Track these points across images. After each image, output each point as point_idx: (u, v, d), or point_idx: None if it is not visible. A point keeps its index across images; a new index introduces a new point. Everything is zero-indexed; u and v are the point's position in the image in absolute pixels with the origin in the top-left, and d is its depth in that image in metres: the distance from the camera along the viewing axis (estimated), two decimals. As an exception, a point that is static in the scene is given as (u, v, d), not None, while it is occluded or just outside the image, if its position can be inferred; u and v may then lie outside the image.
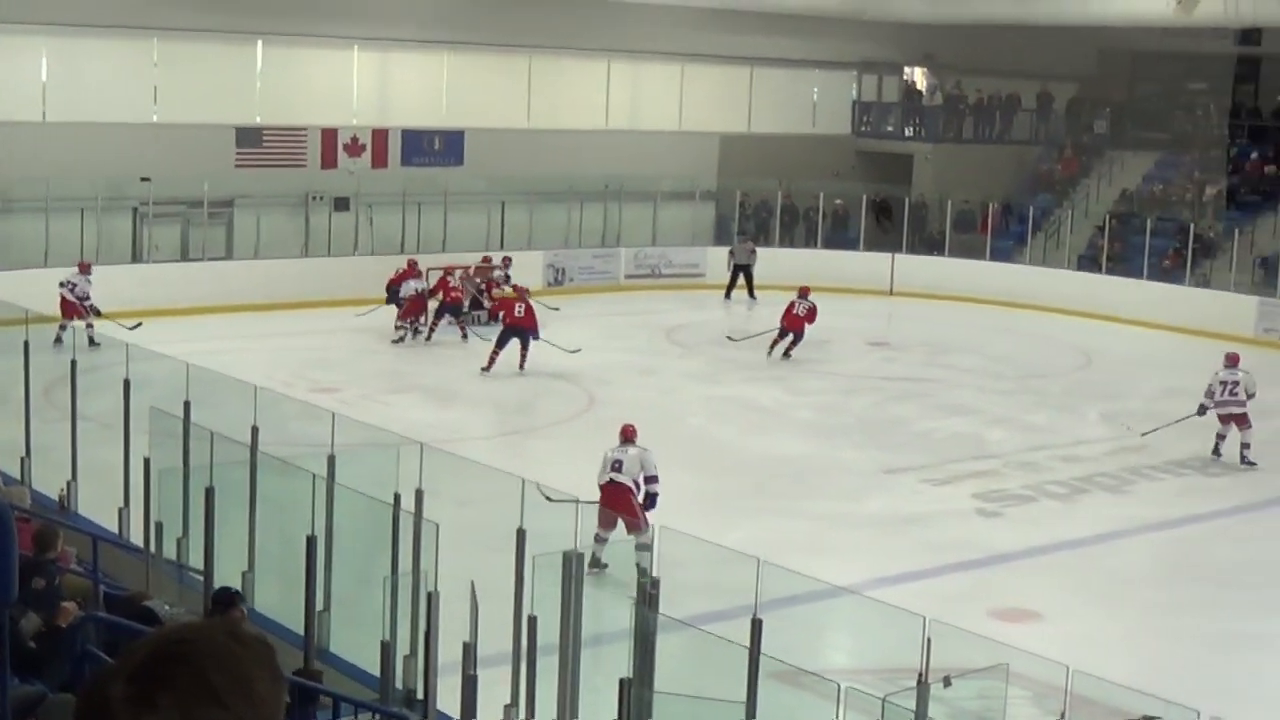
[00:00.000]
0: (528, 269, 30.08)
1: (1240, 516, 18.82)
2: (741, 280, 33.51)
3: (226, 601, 10.23)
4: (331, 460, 11.92)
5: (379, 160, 33.21)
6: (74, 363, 15.58)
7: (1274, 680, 13.64)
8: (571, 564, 9.73)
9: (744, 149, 37.91)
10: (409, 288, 27.51)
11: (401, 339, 27.21)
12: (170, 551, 12.90)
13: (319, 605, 11.47)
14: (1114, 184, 38.18)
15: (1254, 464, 20.68)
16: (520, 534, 10.39)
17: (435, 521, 10.81)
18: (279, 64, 32.52)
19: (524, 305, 25.03)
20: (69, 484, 15.12)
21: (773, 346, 26.60)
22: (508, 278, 28.90)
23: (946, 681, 8.39)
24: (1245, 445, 20.78)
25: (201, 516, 12.53)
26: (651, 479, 15.38)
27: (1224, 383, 20.99)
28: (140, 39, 30.67)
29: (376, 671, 10.91)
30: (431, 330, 27.57)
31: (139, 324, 24.14)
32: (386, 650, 10.84)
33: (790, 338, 26.57)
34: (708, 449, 20.99)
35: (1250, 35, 37.64)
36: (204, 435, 12.78)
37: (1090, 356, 28.77)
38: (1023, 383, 25.93)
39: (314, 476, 11.86)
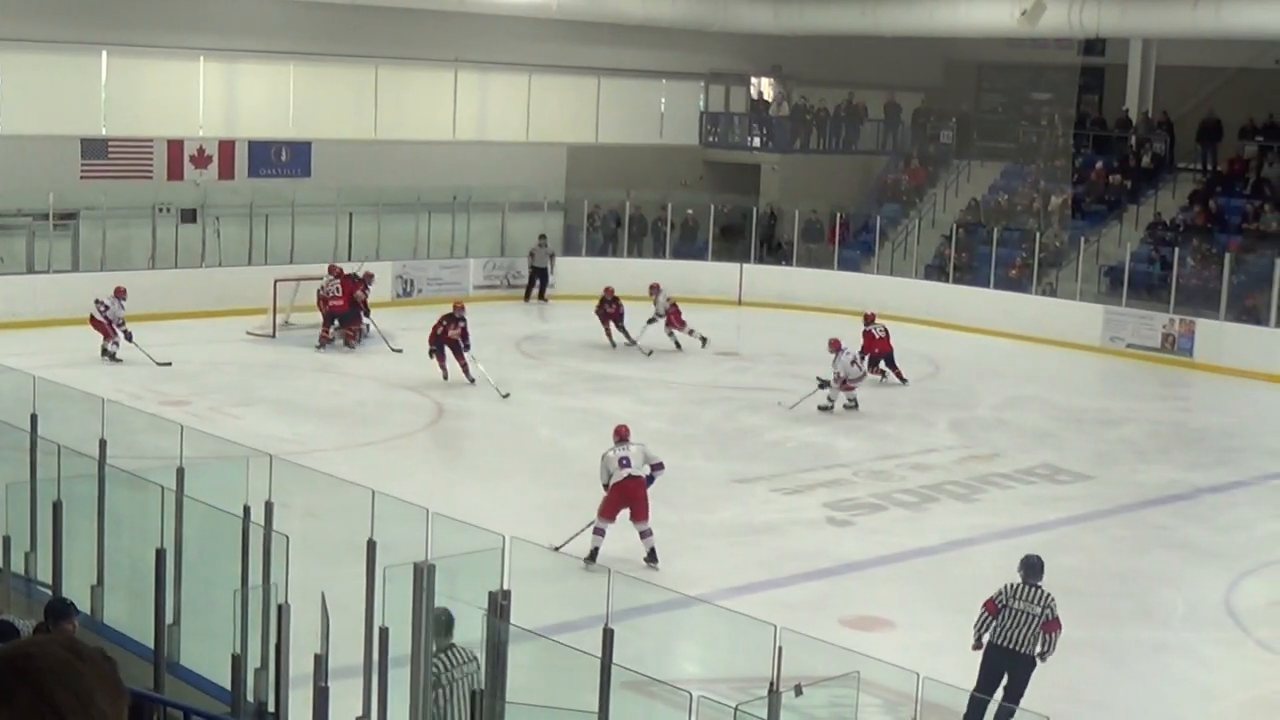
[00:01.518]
0: (376, 280, 29.96)
1: (1086, 524, 19.20)
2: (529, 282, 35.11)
3: (60, 614, 10.10)
4: (180, 473, 11.82)
5: (226, 171, 32.90)
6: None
7: (1113, 686, 13.99)
8: (423, 575, 9.73)
9: (592, 159, 38.08)
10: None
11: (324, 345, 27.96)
12: (18, 566, 12.72)
13: (169, 618, 11.37)
14: (960, 194, 38.83)
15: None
16: (371, 545, 10.37)
17: (285, 533, 10.76)
18: (124, 75, 32.11)
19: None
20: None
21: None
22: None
23: (798, 690, 8.50)
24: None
25: (49, 531, 12.37)
26: (659, 466, 16.60)
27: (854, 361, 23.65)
28: (-19, 48, 30.12)
29: (228, 684, 10.83)
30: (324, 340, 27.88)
31: (168, 364, 25.26)
32: (237, 663, 10.77)
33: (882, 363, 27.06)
34: (558, 460, 21.06)
35: (1094, 45, 38.51)
36: (51, 449, 12.62)
37: (938, 365, 29.24)
38: (871, 392, 26.29)
39: (163, 489, 11.75)
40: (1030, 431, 24.00)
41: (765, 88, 42.29)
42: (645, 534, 16.15)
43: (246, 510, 11.08)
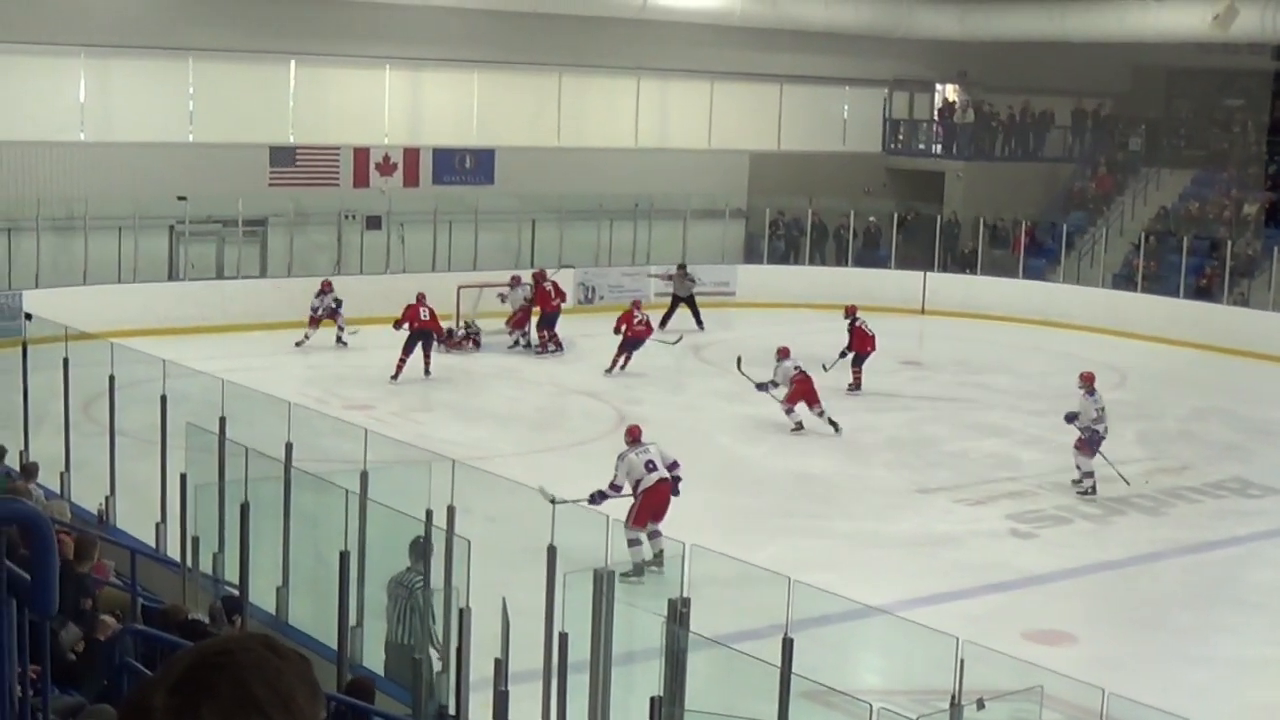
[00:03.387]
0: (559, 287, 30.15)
1: (1276, 540, 18.71)
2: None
3: (229, 610, 10.32)
4: (364, 476, 11.99)
5: (410, 179, 33.42)
6: (112, 379, 15.70)
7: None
8: (602, 581, 9.76)
9: (774, 166, 37.97)
10: (518, 297, 28.75)
11: (516, 345, 28.54)
12: (206, 566, 13.00)
13: (351, 620, 11.53)
14: (1149, 202, 38.04)
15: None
16: (551, 550, 10.43)
17: (466, 538, 10.86)
18: (312, 84, 32.73)
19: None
20: (108, 499, 15.25)
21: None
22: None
23: (980, 704, 8.37)
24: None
25: (237, 531, 12.62)
26: (675, 465, 16.41)
27: (1102, 409, 20.40)
28: (176, 60, 30.92)
29: (408, 687, 10.96)
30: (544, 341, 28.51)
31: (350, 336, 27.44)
32: (418, 666, 10.89)
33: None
34: (736, 467, 21.02)
35: (1288, 51, 37.56)
36: (239, 451, 12.88)
37: (1125, 376, 28.65)
38: (1056, 403, 25.81)
39: (347, 492, 11.93)
40: (1218, 444, 23.41)
41: (950, 94, 41.84)
42: (656, 535, 15.84)
43: (429, 514, 11.21)
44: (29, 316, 19.69)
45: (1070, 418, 20.43)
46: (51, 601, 4.22)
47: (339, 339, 27.91)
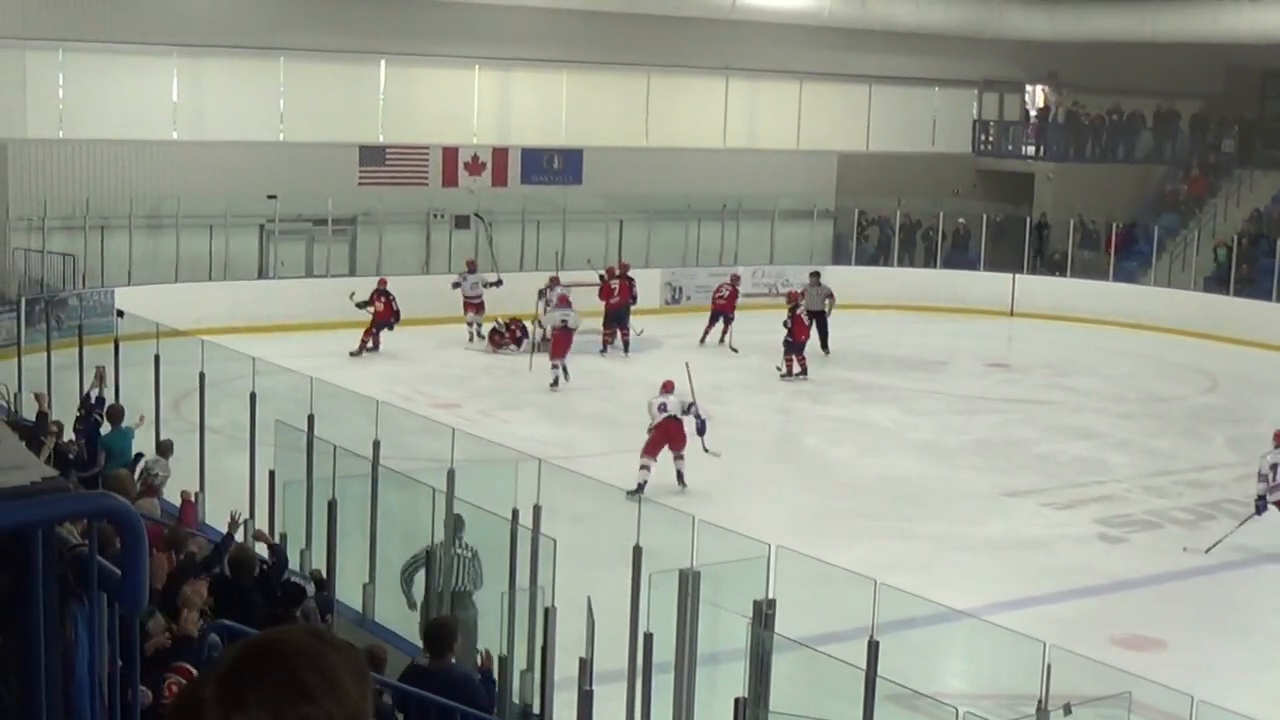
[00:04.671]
0: (645, 287, 30.13)
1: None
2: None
3: (322, 609, 10.44)
4: (451, 475, 12.04)
5: (499, 178, 33.55)
6: (202, 375, 15.88)
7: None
8: (688, 582, 9.74)
9: (862, 167, 37.79)
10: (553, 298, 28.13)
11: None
12: (294, 562, 13.09)
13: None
14: (1242, 204, 37.54)
15: None
16: (636, 551, 10.42)
17: (552, 537, 10.88)
18: (401, 84, 32.93)
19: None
20: (197, 494, 15.39)
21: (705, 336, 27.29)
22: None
23: (1067, 709, 8.30)
24: None
25: (324, 528, 12.72)
26: (692, 405, 19.28)
27: (1275, 465, 17.44)
28: (267, 60, 31.22)
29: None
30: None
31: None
32: (504, 664, 10.92)
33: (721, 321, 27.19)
34: (823, 469, 20.93)
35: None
36: (327, 449, 12.98)
37: (1216, 380, 28.32)
38: (1146, 406, 25.60)
39: (434, 490, 11.99)
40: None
41: (1040, 95, 41.48)
42: (678, 457, 19.07)
43: (515, 513, 11.24)
44: (121, 314, 19.99)
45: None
46: (141, 597, 4.24)
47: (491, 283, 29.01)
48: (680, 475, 19.07)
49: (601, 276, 28.80)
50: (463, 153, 33.20)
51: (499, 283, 28.92)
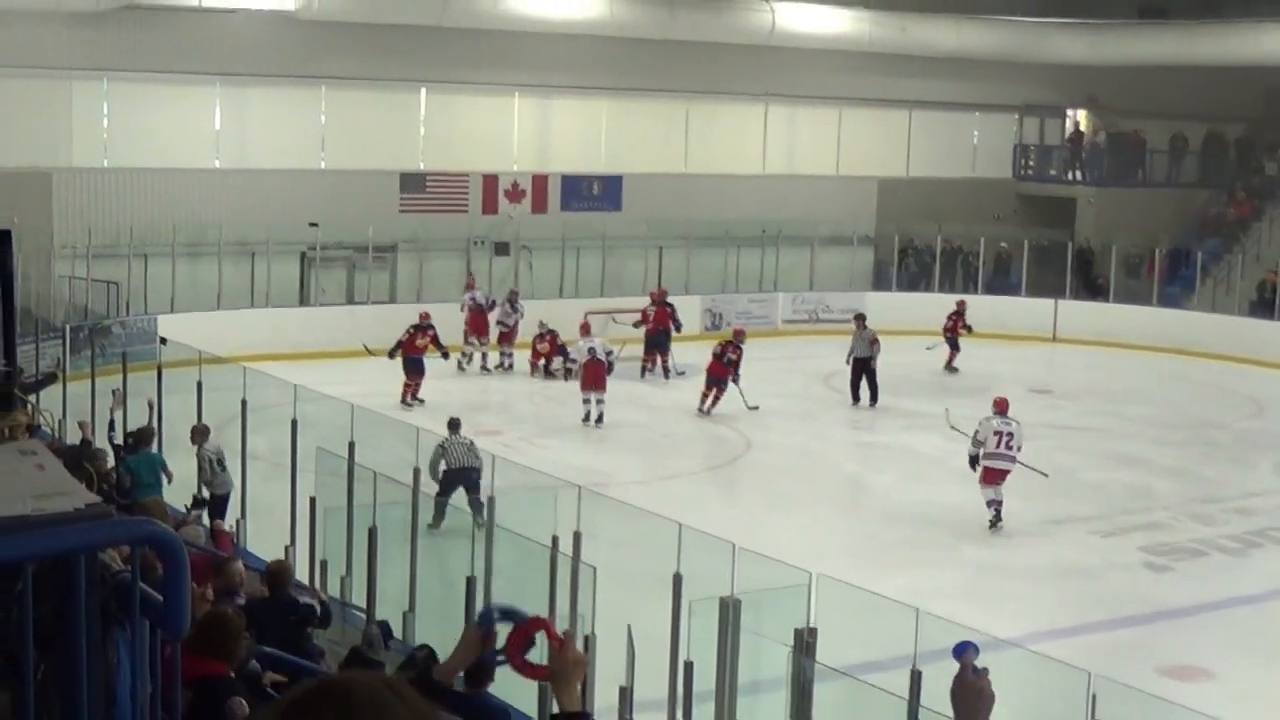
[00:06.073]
0: (685, 313, 30.09)
1: None
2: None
3: (386, 635, 10.46)
4: (490, 501, 12.06)
5: (539, 205, 33.65)
6: (244, 403, 15.93)
7: None
8: (728, 610, 9.72)
9: (902, 193, 37.74)
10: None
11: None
12: (334, 589, 13.12)
13: (478, 646, 11.56)
14: (1287, 229, 37.34)
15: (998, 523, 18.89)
16: (676, 578, 10.40)
17: (592, 564, 10.87)
18: (442, 111, 33.07)
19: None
20: (238, 521, 15.46)
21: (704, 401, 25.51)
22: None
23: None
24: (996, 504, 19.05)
25: (364, 555, 12.74)
26: (610, 353, 24.87)
27: (998, 433, 19.19)
28: (308, 88, 31.43)
29: (534, 713, 10.98)
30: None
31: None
32: (544, 692, 10.90)
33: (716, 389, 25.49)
34: (865, 496, 20.88)
35: None
36: (367, 476, 13.01)
37: (1262, 406, 28.11)
38: (1192, 433, 25.43)
39: (474, 517, 12.00)
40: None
41: (1081, 119, 41.36)
42: (599, 401, 24.01)
43: (555, 540, 11.24)
44: (164, 340, 20.09)
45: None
46: (183, 624, 4.26)
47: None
48: (600, 415, 23.79)
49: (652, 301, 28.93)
50: (503, 179, 33.32)
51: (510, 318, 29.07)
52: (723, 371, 25.14)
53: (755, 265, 35.44)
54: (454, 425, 18.18)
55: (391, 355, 25.60)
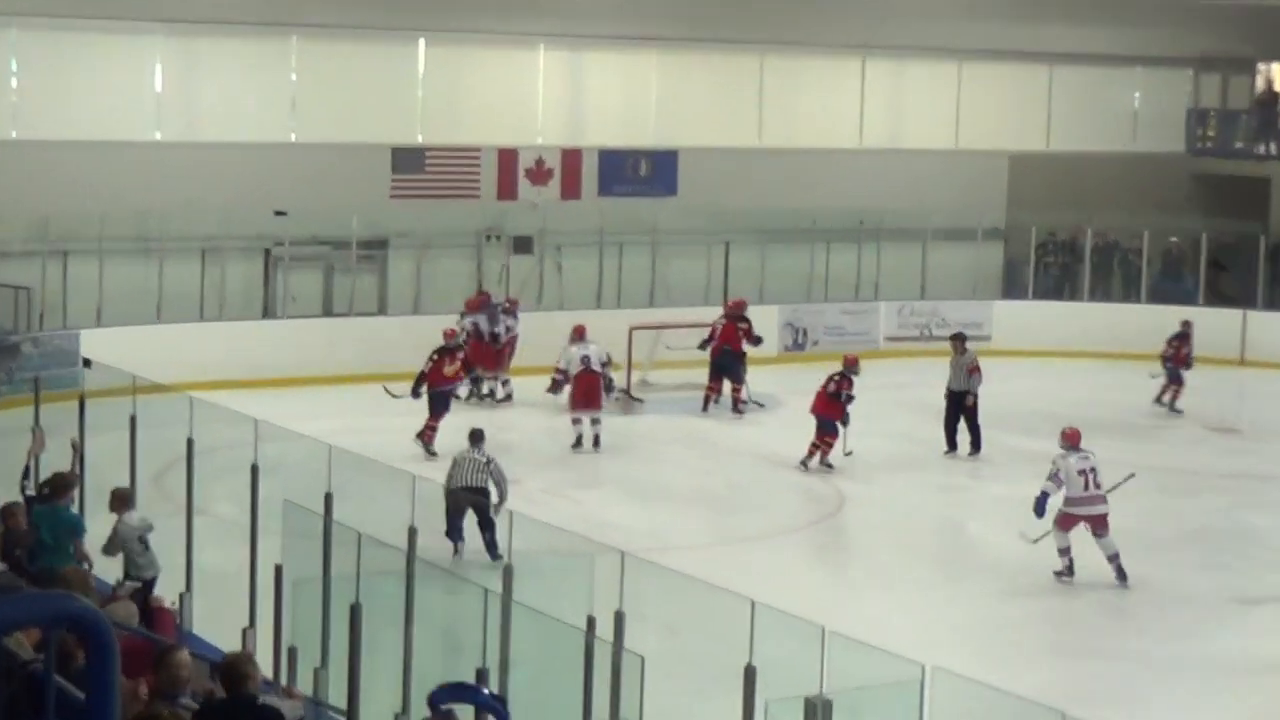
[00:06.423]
0: (759, 327, 30.00)
1: None
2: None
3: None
4: (508, 571, 12.04)
5: (570, 189, 33.66)
6: (190, 442, 15.95)
7: None
8: (817, 712, 9.68)
9: (1041, 173, 37.57)
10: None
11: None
12: (306, 683, 13.11)
13: (492, 759, 11.57)
14: None
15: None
16: (749, 671, 10.36)
17: (639, 653, 10.84)
18: (446, 68, 33.16)
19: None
20: (182, 595, 15.47)
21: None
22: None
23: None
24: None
25: (344, 640, 12.72)
26: (606, 364, 25.92)
27: (1083, 471, 19.62)
28: (276, 39, 31.61)
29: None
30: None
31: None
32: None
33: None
34: (991, 565, 20.75)
35: None
36: (349, 537, 12.99)
37: None
38: None
39: (486, 592, 11.99)
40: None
41: (1276, 76, 41.14)
42: (595, 421, 25.40)
43: (590, 621, 11.21)
44: (88, 363, 20.14)
45: None
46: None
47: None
48: (596, 438, 25.15)
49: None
50: (524, 156, 33.37)
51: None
52: (837, 412, 24.85)
53: (849, 267, 35.38)
54: (475, 437, 19.71)
55: (416, 393, 25.18)
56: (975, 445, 26.16)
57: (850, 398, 24.81)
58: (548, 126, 34.17)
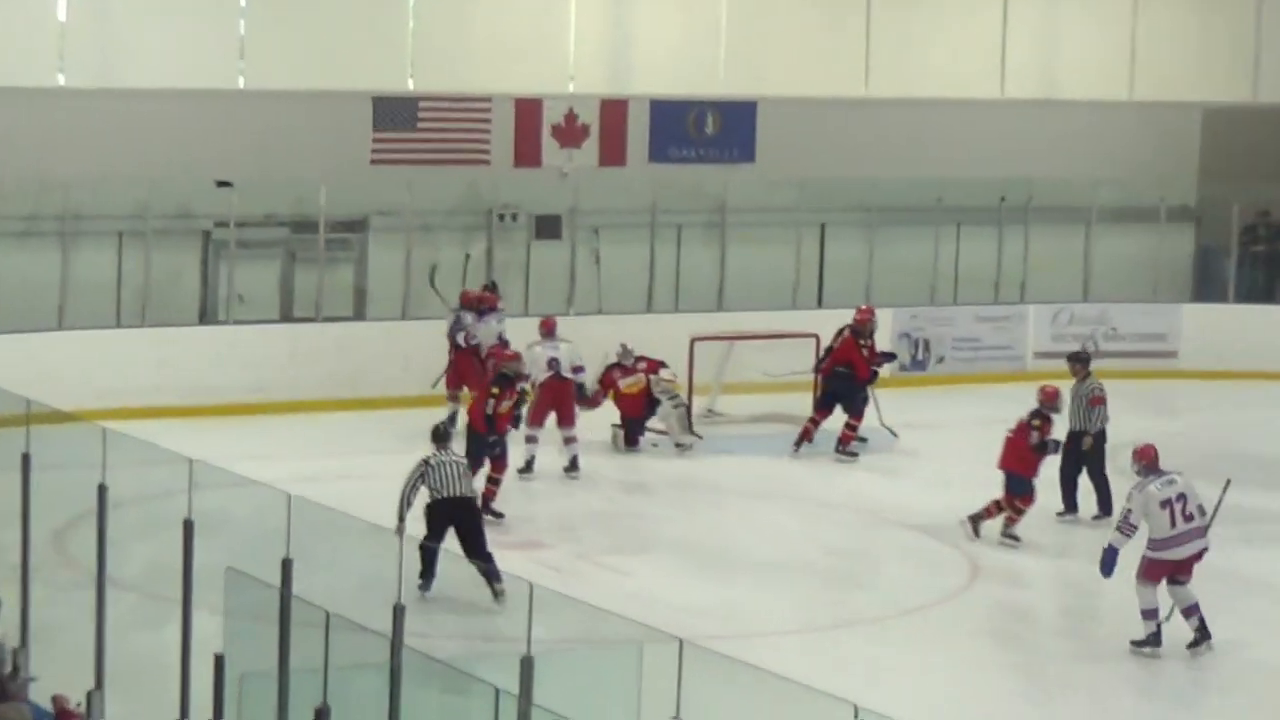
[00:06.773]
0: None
1: None
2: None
3: None
4: (526, 664, 12.04)
5: (611, 153, 33.67)
6: (103, 489, 15.95)
7: None
8: None
9: (1246, 133, 37.56)
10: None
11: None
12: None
13: None
14: None
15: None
16: (853, 800, 10.37)
17: (705, 779, 10.86)
18: (443, -3, 33.27)
19: None
20: (90, 694, 15.48)
21: None
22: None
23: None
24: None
25: (308, 758, 12.75)
26: (579, 369, 26.48)
27: (1167, 503, 19.77)
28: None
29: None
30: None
31: None
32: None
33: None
34: (1177, 665, 20.65)
35: None
36: (315, 618, 13.00)
37: None
38: None
39: (497, 692, 11.99)
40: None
41: None
42: (569, 440, 26.03)
43: (638, 735, 11.23)
44: (-35, 383, 20.23)
45: None
46: None
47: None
48: (573, 460, 26.10)
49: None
50: (550, 109, 33.38)
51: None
52: (1033, 468, 24.46)
53: (988, 258, 35.42)
54: (441, 436, 20.52)
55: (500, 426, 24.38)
56: (1103, 505, 25.79)
57: (1057, 445, 24.64)
58: (582, 69, 34.27)
